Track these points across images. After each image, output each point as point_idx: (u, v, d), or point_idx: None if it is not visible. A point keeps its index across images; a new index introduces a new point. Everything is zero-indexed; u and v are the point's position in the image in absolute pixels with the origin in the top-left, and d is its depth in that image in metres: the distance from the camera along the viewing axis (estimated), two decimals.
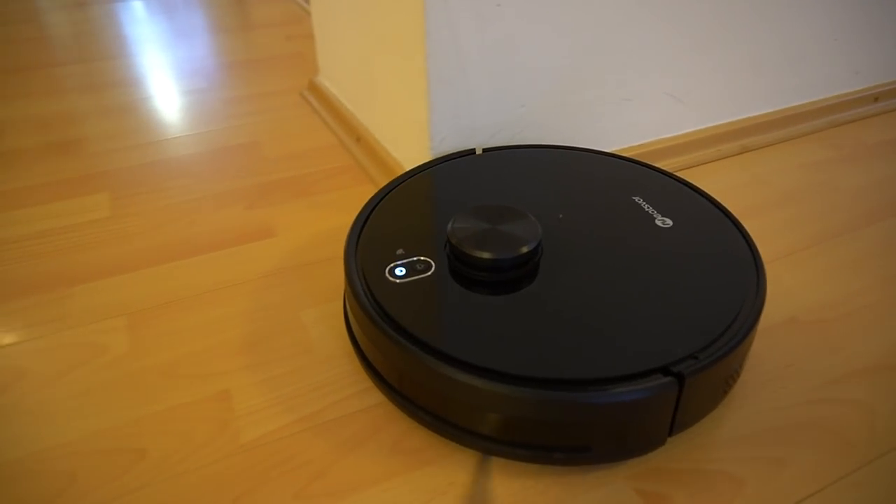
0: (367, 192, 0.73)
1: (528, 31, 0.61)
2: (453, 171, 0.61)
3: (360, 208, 0.55)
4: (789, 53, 0.79)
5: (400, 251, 0.49)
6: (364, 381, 0.48)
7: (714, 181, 0.74)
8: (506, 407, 0.39)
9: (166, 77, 1.11)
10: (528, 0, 0.59)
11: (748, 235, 0.52)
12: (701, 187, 0.72)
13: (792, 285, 0.58)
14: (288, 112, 0.95)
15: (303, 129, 0.90)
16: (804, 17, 0.77)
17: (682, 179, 0.59)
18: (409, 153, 0.67)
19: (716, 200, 0.56)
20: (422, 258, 0.48)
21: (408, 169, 0.61)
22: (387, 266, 0.48)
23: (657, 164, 0.75)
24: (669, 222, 0.53)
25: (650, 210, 0.54)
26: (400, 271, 0.47)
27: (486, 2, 0.57)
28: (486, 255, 0.46)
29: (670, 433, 0.42)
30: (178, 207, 0.71)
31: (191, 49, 1.26)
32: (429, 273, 0.47)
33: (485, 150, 0.63)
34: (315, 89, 0.96)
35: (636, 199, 0.56)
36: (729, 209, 0.55)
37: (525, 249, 0.46)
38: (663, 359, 0.40)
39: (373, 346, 0.45)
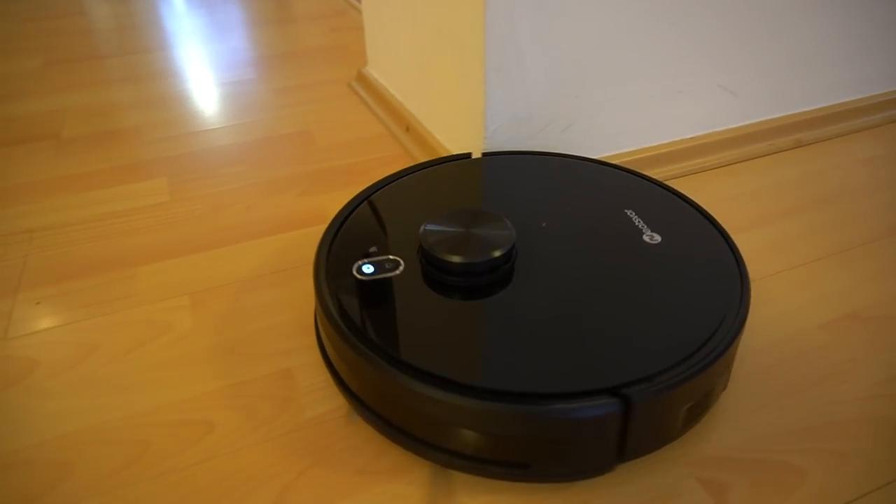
0: None
1: (585, 22, 0.61)
2: (444, 174, 0.60)
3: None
4: (848, 46, 0.78)
5: (373, 248, 0.48)
6: None
7: (766, 176, 0.74)
8: (444, 413, 0.38)
9: (215, 68, 1.14)
10: None
11: (738, 253, 0.49)
12: (752, 182, 0.71)
13: (850, 281, 0.58)
14: (336, 102, 0.96)
15: (352, 118, 0.91)
16: (863, 10, 0.75)
17: (679, 193, 0.56)
18: (462, 142, 0.68)
19: (710, 215, 0.53)
20: (391, 257, 0.48)
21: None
22: (356, 263, 0.47)
23: (709, 158, 0.75)
24: (658, 238, 0.50)
25: (640, 224, 0.51)
26: (368, 269, 0.47)
27: None
28: (454, 259, 0.44)
29: (620, 459, 0.40)
30: (233, 193, 0.73)
31: (236, 41, 1.29)
32: (397, 272, 0.46)
33: (484, 154, 0.62)
34: (363, 80, 0.97)
35: (628, 212, 0.53)
36: (758, 212, 0.52)
37: (496, 254, 0.45)
38: (616, 379, 0.38)
39: (327, 341, 0.45)
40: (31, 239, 0.66)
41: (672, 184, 0.72)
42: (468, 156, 0.62)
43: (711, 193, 0.71)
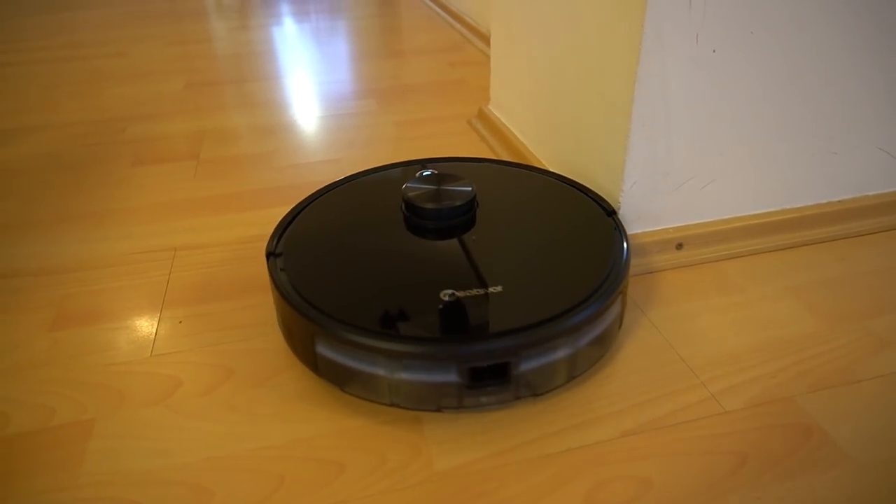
0: None
1: (737, 79, 0.58)
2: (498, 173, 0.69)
3: None
4: None
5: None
6: (552, 425, 0.48)
7: None
8: None
9: (337, 98, 1.18)
10: (743, 48, 0.57)
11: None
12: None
13: None
14: (457, 138, 0.98)
15: (473, 156, 0.91)
16: None
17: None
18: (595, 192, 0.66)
19: None
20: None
21: None
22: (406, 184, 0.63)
23: (860, 223, 0.69)
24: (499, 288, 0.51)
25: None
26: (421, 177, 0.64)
27: (702, 47, 0.55)
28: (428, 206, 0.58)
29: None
30: None
31: (355, 72, 1.34)
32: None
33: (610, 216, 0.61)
34: (484, 118, 0.98)
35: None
36: None
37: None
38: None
39: None
40: (174, 257, 0.70)
41: (816, 249, 0.68)
42: (613, 212, 0.61)
43: (860, 262, 0.65)
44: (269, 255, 0.56)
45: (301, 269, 0.54)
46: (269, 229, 0.74)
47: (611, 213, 0.60)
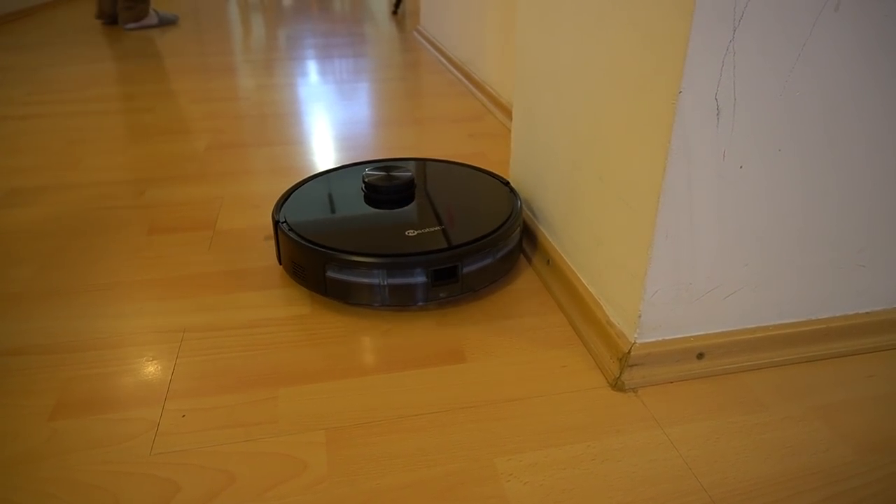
0: (557, 324, 0.71)
1: (764, 194, 0.57)
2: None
3: (553, 343, 0.52)
4: None
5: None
6: None
7: None
8: None
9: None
10: (771, 165, 0.56)
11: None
12: None
13: None
14: None
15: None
16: None
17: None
18: (613, 296, 0.65)
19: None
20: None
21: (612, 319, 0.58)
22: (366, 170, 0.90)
23: (887, 336, 0.67)
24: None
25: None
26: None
27: (729, 163, 0.55)
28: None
29: (279, 262, 0.81)
30: (374, 315, 0.74)
31: (377, 138, 1.35)
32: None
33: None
34: None
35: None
36: None
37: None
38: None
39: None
40: (182, 339, 0.69)
41: (842, 363, 0.65)
42: (507, 182, 0.85)
43: (889, 380, 0.63)
44: (277, 223, 0.77)
45: (305, 226, 0.77)
46: (281, 312, 0.74)
47: (506, 183, 0.89)
